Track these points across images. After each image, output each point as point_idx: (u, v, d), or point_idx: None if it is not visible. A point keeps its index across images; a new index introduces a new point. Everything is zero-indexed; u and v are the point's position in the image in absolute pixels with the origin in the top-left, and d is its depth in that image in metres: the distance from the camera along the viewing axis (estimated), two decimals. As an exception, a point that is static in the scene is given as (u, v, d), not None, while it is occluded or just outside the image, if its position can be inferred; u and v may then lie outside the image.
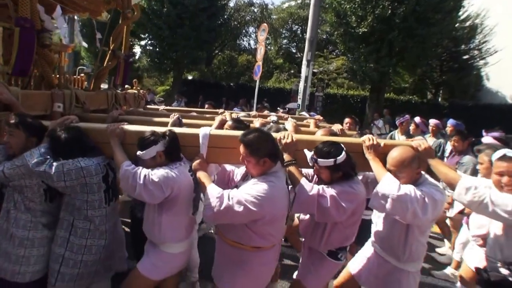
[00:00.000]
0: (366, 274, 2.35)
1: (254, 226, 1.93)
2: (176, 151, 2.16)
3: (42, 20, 2.78)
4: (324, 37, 24.93)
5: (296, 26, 27.18)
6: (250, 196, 1.83)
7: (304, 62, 9.83)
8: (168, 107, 5.55)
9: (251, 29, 28.15)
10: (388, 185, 2.00)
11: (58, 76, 3.59)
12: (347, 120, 4.82)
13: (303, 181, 2.09)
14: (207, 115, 4.26)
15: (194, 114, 4.47)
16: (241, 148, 1.96)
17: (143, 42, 21.39)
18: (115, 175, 2.25)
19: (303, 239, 2.49)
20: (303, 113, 7.76)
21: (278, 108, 10.95)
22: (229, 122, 2.89)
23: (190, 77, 23.49)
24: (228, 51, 26.10)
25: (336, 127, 3.64)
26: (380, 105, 14.09)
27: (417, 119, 5.79)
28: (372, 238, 2.42)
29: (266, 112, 5.79)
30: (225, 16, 20.47)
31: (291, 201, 2.04)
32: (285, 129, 3.20)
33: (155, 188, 1.94)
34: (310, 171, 2.36)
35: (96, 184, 2.08)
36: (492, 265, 2.04)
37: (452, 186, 2.07)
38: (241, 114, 4.39)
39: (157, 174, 1.96)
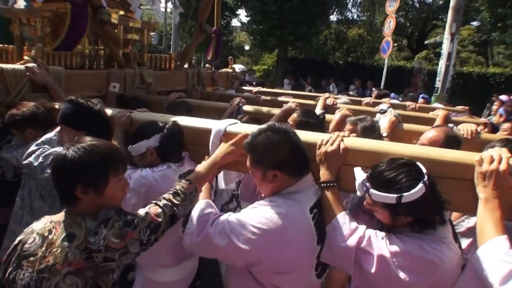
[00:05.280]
0: None
1: (256, 272, 1.32)
2: (175, 150, 1.74)
3: None
4: (441, 3, 20.45)
5: (408, -8, 23.19)
6: (240, 226, 1.25)
7: (447, 36, 7.79)
8: (264, 89, 4.67)
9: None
10: (498, 270, 0.98)
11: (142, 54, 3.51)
12: (505, 125, 3.10)
13: (340, 218, 1.27)
14: (303, 100, 3.42)
15: (283, 98, 3.63)
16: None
17: (244, 20, 21.01)
18: None
19: None
20: (436, 104, 5.31)
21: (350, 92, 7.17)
22: (294, 115, 2.17)
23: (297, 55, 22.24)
24: (334, 25, 23.77)
25: (466, 127, 2.27)
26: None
27: (504, 97, 5.22)
28: None
29: (388, 100, 4.38)
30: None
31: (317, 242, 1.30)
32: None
33: (131, 194, 1.55)
34: None
35: None
36: None
37: None
38: (341, 101, 3.36)
39: (133, 177, 1.59)
